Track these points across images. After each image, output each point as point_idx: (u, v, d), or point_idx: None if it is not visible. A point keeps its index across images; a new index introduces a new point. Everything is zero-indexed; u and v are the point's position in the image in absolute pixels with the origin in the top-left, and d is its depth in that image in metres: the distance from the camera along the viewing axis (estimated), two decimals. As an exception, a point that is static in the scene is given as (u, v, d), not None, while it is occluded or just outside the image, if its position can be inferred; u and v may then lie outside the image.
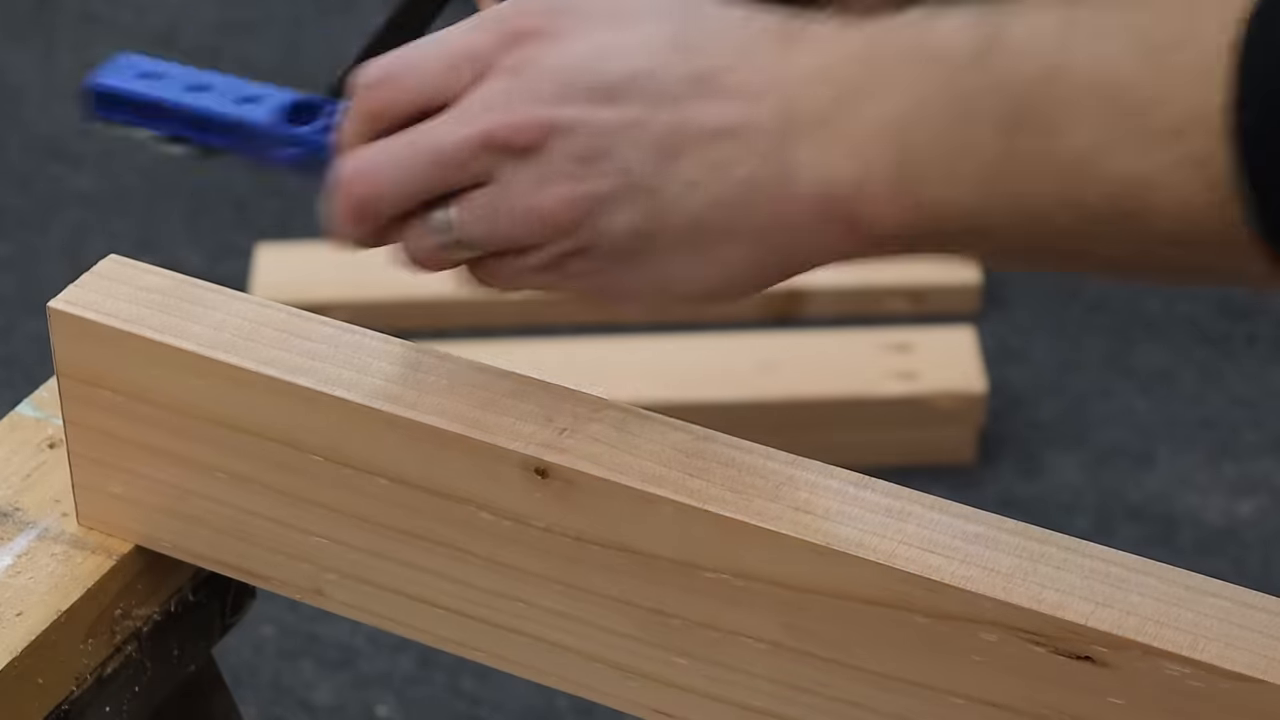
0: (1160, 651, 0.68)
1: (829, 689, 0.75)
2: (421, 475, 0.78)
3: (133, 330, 0.81)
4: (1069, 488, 2.12)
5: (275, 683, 1.91)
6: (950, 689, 0.72)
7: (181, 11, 2.81)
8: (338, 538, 0.82)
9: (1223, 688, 0.68)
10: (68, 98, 2.63)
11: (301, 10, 2.82)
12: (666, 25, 0.73)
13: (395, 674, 1.92)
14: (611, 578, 0.77)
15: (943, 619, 0.71)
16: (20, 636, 0.83)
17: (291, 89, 0.82)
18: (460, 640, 0.82)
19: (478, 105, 0.73)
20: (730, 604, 0.75)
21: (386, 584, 0.82)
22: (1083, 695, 0.70)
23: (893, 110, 0.68)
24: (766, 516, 0.73)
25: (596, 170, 0.72)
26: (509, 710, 1.89)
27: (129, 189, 2.49)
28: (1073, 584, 0.70)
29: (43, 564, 0.86)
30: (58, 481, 0.89)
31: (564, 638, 0.79)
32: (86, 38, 2.75)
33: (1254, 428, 2.19)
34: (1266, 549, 2.06)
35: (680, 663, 0.77)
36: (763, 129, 0.70)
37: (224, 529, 0.84)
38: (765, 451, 0.76)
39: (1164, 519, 2.09)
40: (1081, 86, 0.64)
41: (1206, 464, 2.15)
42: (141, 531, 0.86)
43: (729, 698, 0.77)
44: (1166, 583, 0.71)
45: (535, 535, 0.77)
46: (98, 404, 0.83)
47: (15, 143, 2.57)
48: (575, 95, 0.72)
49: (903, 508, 0.74)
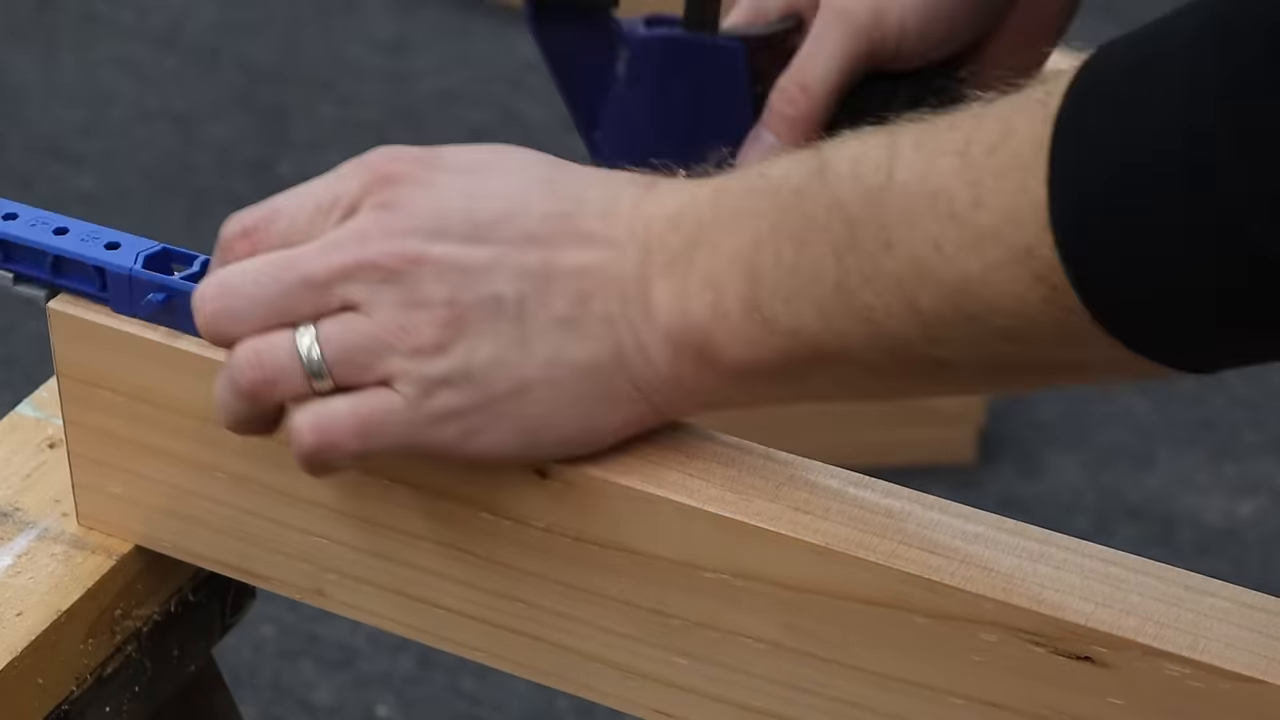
0: (1160, 652, 0.68)
1: (829, 689, 0.75)
2: (421, 476, 0.78)
3: (132, 330, 0.81)
4: (1069, 488, 2.12)
5: (275, 683, 1.91)
6: (950, 689, 0.72)
7: (181, 11, 2.81)
8: (338, 538, 0.82)
9: (1223, 688, 0.68)
10: (68, 98, 2.64)
11: (301, 10, 2.82)
12: (534, 174, 0.74)
13: (395, 674, 1.91)
14: (611, 578, 0.77)
15: (943, 619, 0.71)
16: (20, 636, 0.83)
17: (148, 239, 0.81)
18: (460, 640, 0.82)
19: (349, 235, 0.72)
20: (730, 604, 0.75)
21: (386, 584, 0.82)
22: (1082, 695, 0.70)
23: (739, 241, 0.71)
24: (766, 516, 0.73)
25: (465, 295, 0.72)
26: (509, 710, 1.89)
27: (129, 189, 2.49)
28: (1072, 584, 0.70)
29: (43, 564, 0.86)
30: (58, 481, 0.89)
31: (564, 638, 0.79)
32: (87, 38, 2.75)
33: (1254, 428, 2.19)
34: (1266, 549, 2.06)
35: (680, 663, 0.77)
36: (624, 271, 0.72)
37: (224, 529, 0.84)
38: (765, 451, 0.76)
39: (1164, 519, 2.09)
40: (909, 198, 0.66)
41: (1206, 464, 2.15)
42: (141, 531, 0.86)
43: (729, 698, 0.77)
44: (1166, 583, 0.71)
45: (535, 535, 0.77)
46: (98, 404, 0.83)
47: (16, 143, 2.56)
48: (446, 232, 0.72)
49: (903, 508, 0.74)
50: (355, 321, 0.72)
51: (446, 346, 0.72)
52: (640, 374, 0.73)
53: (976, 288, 0.65)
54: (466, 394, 0.72)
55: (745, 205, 0.71)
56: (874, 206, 0.67)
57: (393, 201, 0.73)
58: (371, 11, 2.84)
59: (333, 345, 0.72)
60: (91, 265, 0.80)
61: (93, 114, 2.62)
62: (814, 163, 0.70)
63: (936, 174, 0.66)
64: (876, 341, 0.68)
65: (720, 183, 0.73)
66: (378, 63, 2.74)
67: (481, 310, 0.72)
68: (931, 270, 0.66)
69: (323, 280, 0.72)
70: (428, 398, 0.72)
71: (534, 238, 0.72)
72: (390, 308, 0.72)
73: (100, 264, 0.80)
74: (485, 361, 0.72)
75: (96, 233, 0.81)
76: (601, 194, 0.74)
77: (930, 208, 0.66)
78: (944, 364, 0.68)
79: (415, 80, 2.69)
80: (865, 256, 0.67)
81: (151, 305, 0.80)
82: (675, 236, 0.72)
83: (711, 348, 0.72)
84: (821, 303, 0.69)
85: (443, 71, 2.72)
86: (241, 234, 0.74)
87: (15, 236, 0.81)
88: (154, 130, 2.59)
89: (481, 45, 2.77)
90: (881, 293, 0.67)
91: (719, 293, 0.71)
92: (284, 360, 0.72)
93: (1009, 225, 0.64)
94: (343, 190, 0.73)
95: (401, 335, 0.72)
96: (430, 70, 2.72)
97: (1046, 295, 0.64)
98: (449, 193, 0.73)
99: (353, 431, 0.72)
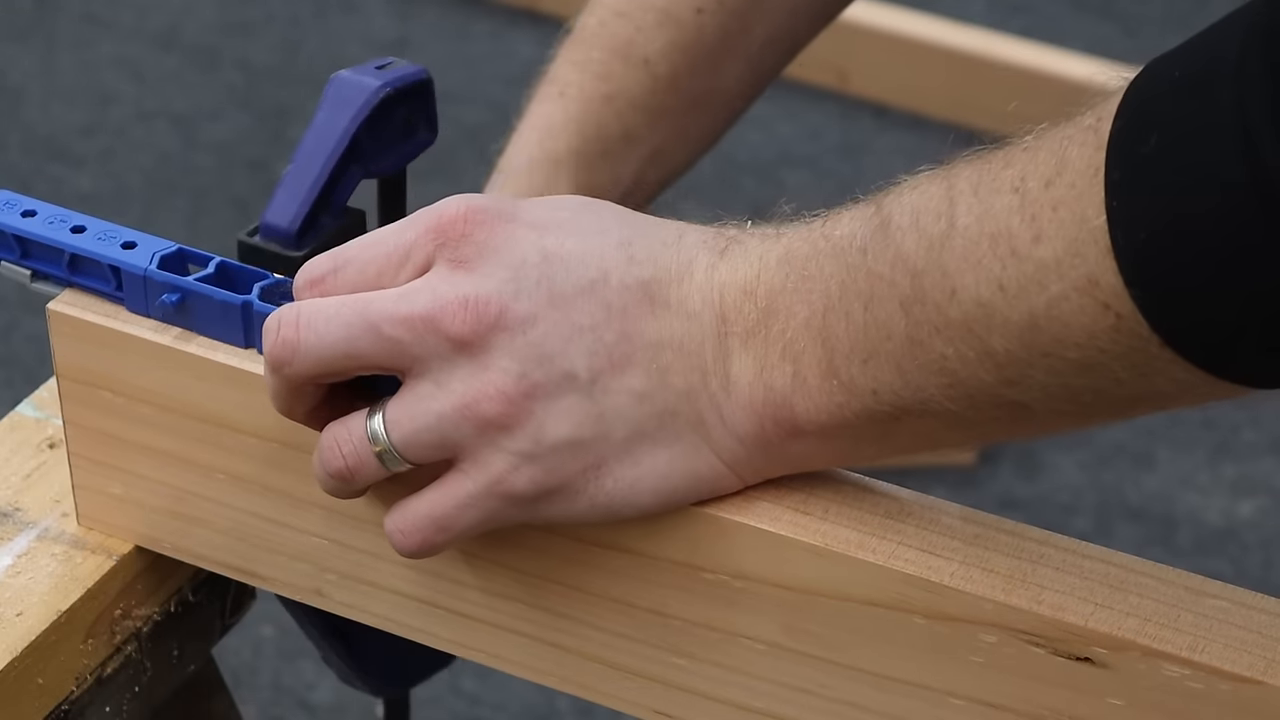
0: (1160, 653, 0.68)
1: (828, 690, 0.75)
2: (421, 479, 0.78)
3: (132, 331, 0.81)
4: (1069, 488, 2.12)
5: (275, 683, 1.91)
6: (949, 690, 0.72)
7: (181, 11, 2.81)
8: (337, 538, 0.82)
9: (1222, 689, 0.68)
10: (68, 98, 2.64)
11: (301, 10, 2.82)
12: (612, 237, 0.73)
13: (395, 674, 1.91)
14: (611, 578, 0.77)
15: (942, 620, 0.71)
16: (20, 636, 0.83)
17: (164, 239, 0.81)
18: (460, 640, 0.82)
19: (423, 292, 0.71)
20: (730, 605, 0.75)
21: (386, 584, 0.82)
22: (1082, 696, 0.70)
23: (811, 308, 0.70)
24: (766, 518, 0.73)
25: (537, 371, 0.71)
26: (509, 710, 1.89)
27: (129, 189, 2.49)
28: (1072, 585, 0.70)
29: (43, 564, 0.86)
30: (58, 481, 0.89)
31: (564, 638, 0.79)
32: (87, 38, 2.75)
33: (1254, 428, 2.19)
34: (1266, 549, 2.06)
35: (680, 663, 0.77)
36: (702, 344, 0.72)
37: (224, 530, 0.84)
38: (765, 452, 0.76)
39: (1164, 519, 2.09)
40: (970, 243, 0.66)
41: (1206, 464, 2.15)
42: (141, 532, 0.86)
43: (729, 698, 0.77)
44: (1166, 584, 0.71)
45: (536, 536, 0.77)
46: (97, 405, 0.83)
47: (15, 143, 2.57)
48: (521, 296, 0.71)
49: (903, 508, 0.74)
50: (421, 400, 0.71)
51: (514, 426, 0.71)
52: (722, 445, 0.72)
53: (1044, 323, 0.64)
54: (538, 475, 0.71)
55: (813, 269, 0.70)
56: (936, 255, 0.67)
57: (469, 259, 0.71)
58: (371, 11, 2.84)
59: (400, 430, 0.72)
60: (107, 264, 0.80)
61: (93, 114, 2.62)
62: (876, 220, 0.69)
63: (995, 215, 0.65)
64: (954, 391, 0.68)
65: (788, 245, 0.71)
66: (378, 63, 2.73)
67: (553, 386, 0.71)
68: (998, 311, 0.65)
69: (392, 335, 0.71)
70: (498, 482, 0.72)
71: (610, 309, 0.71)
72: (458, 380, 0.71)
73: (115, 263, 0.80)
74: (557, 440, 0.71)
75: (114, 232, 0.81)
76: (676, 259, 0.72)
77: (992, 249, 0.65)
78: (1023, 406, 0.67)
79: (415, 80, 2.69)
80: (932, 307, 0.67)
81: (166, 306, 0.80)
82: (750, 305, 0.71)
83: (794, 416, 0.71)
84: (896, 358, 0.68)
85: (443, 71, 2.71)
86: (308, 285, 0.74)
87: (33, 234, 0.81)
88: (154, 130, 2.59)
89: (481, 45, 2.78)
90: (954, 340, 0.67)
91: (797, 362, 0.70)
92: (360, 450, 0.73)
93: (1071, 257, 0.63)
94: (415, 242, 0.72)
95: (468, 413, 0.71)
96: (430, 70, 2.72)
97: (1114, 324, 0.63)
98: (526, 253, 0.71)
99: (434, 529, 0.73)
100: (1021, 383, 0.66)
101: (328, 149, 0.78)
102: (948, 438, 0.71)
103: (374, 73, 0.80)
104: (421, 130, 0.82)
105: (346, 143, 0.78)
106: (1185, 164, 0.61)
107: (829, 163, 2.54)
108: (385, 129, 0.80)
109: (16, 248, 0.82)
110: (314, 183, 0.78)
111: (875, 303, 0.68)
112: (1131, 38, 2.70)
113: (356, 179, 0.80)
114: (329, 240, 0.78)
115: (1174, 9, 2.76)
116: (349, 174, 0.79)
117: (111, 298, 0.81)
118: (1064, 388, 0.66)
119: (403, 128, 0.81)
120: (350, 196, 0.80)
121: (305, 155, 0.79)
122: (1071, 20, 2.77)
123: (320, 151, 0.78)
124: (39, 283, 0.82)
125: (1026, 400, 0.67)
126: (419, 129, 0.81)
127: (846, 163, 2.58)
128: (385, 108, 0.79)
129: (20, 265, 0.82)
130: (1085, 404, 0.67)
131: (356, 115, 0.78)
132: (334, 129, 0.78)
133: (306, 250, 0.78)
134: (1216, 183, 0.60)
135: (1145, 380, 0.64)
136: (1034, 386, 0.66)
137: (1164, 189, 0.61)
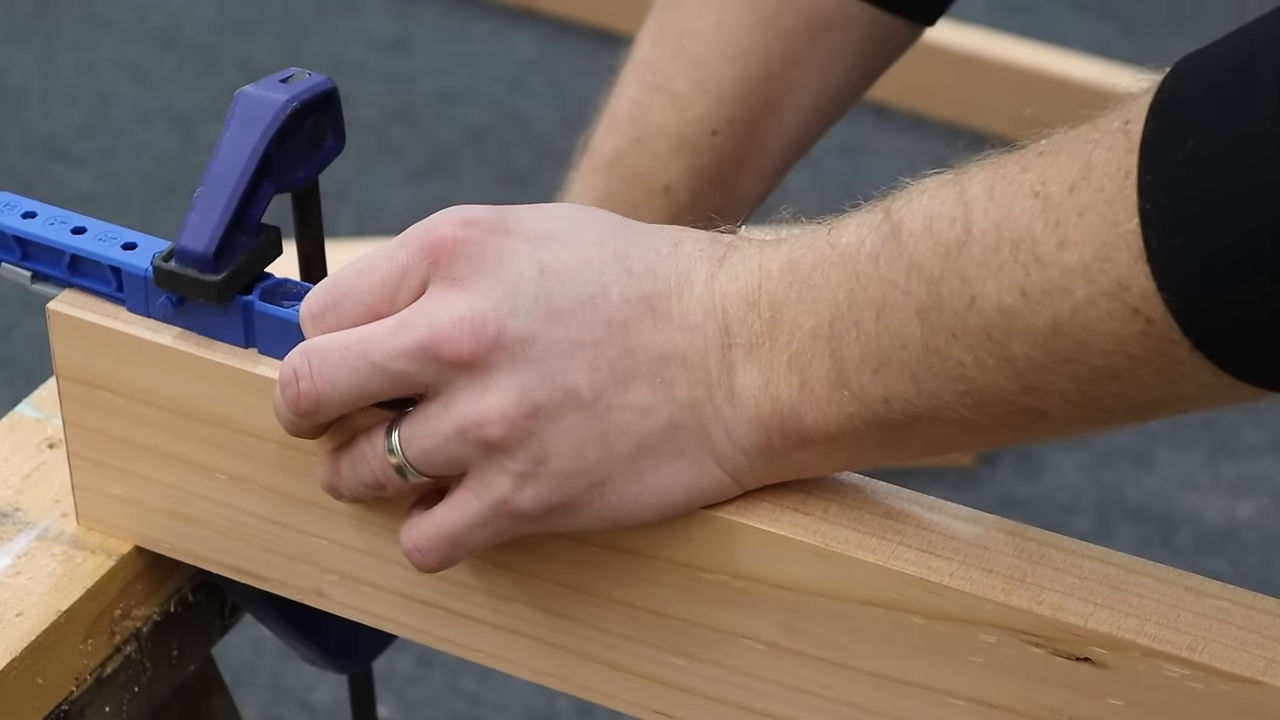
0: (1160, 653, 0.68)
1: (828, 690, 0.75)
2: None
3: (132, 331, 0.81)
4: (1069, 488, 2.12)
5: (275, 683, 1.91)
6: (949, 690, 0.72)
7: (181, 11, 2.81)
8: (337, 539, 0.82)
9: (1222, 689, 0.68)
10: (68, 98, 2.64)
11: (301, 10, 2.82)
12: (609, 249, 0.72)
13: (395, 674, 1.92)
14: (612, 579, 0.77)
15: (942, 620, 0.71)
16: (20, 636, 0.83)
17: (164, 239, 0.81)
18: (460, 640, 0.82)
19: (418, 317, 0.71)
20: (729, 605, 0.75)
21: (386, 584, 0.82)
22: (1082, 697, 0.70)
23: (818, 318, 0.69)
24: (766, 518, 0.73)
25: (538, 390, 0.71)
26: (509, 710, 1.89)
27: (129, 189, 2.49)
28: (1072, 585, 0.70)
29: (43, 564, 0.86)
30: (58, 481, 0.89)
31: (564, 639, 0.79)
32: (87, 38, 2.75)
33: (1254, 428, 2.19)
34: (1266, 549, 2.06)
35: (680, 663, 0.77)
36: (705, 356, 0.71)
37: (224, 530, 0.84)
38: (765, 452, 0.76)
39: (1164, 519, 2.09)
40: (989, 249, 0.65)
41: (1206, 464, 2.15)
42: (141, 532, 0.86)
43: (729, 698, 0.77)
44: (1166, 584, 0.71)
45: (536, 538, 0.77)
46: (97, 405, 0.83)
47: (15, 143, 2.57)
48: (518, 313, 0.70)
49: (902, 508, 0.74)
50: (430, 420, 0.72)
51: (515, 448, 0.71)
52: (726, 456, 0.72)
53: (1068, 329, 0.64)
54: (543, 494, 0.72)
55: (818, 278, 0.70)
56: (954, 261, 0.66)
57: (463, 276, 0.71)
58: (371, 11, 2.84)
59: (413, 448, 0.73)
60: (107, 265, 0.81)
61: (92, 114, 2.62)
62: (885, 226, 0.68)
63: (1015, 220, 0.64)
64: (971, 398, 0.67)
65: (790, 253, 0.71)
66: (378, 63, 2.74)
67: (555, 405, 0.70)
68: (1020, 317, 0.64)
69: (396, 370, 0.71)
70: (503, 503, 0.72)
71: (611, 323, 0.71)
72: (461, 401, 0.71)
73: (116, 264, 0.80)
74: (560, 460, 0.71)
75: (114, 233, 0.82)
76: (675, 270, 0.72)
77: (1013, 255, 0.64)
78: (1040, 413, 0.67)
79: (415, 80, 2.69)
80: (950, 314, 0.66)
81: (166, 306, 0.80)
82: (754, 317, 0.71)
83: (802, 427, 0.71)
84: (910, 367, 0.68)
85: (443, 71, 2.72)
86: (309, 322, 0.74)
87: (33, 235, 0.81)
88: (154, 130, 2.59)
89: (481, 45, 2.78)
90: (972, 348, 0.66)
91: (804, 373, 0.70)
92: (379, 467, 0.74)
93: (1100, 262, 0.62)
94: (408, 263, 0.72)
95: (470, 435, 0.71)
96: (430, 70, 2.72)
97: (1143, 329, 0.62)
98: (522, 267, 0.71)
99: (449, 546, 0.74)
100: (1041, 389, 0.66)
101: (238, 168, 0.78)
102: (959, 444, 0.71)
103: (279, 87, 0.80)
104: (329, 139, 0.82)
105: (257, 160, 0.78)
106: (1224, 168, 0.60)
107: (829, 163, 2.54)
108: (295, 142, 0.80)
109: (17, 249, 0.82)
110: (227, 203, 0.78)
111: (888, 311, 0.68)
112: (1131, 38, 2.69)
113: (269, 195, 0.80)
114: (247, 260, 0.78)
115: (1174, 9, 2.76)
116: (261, 191, 0.79)
117: (112, 298, 0.81)
118: (1084, 394, 0.65)
119: (311, 140, 0.81)
120: (264, 213, 0.80)
121: (216, 176, 0.79)
122: (1071, 20, 2.77)
123: (231, 171, 0.78)
124: (39, 284, 0.83)
125: (1045, 406, 0.66)
126: (326, 138, 0.81)
127: (846, 163, 2.58)
128: (294, 121, 0.79)
129: (21, 266, 0.82)
130: (1105, 409, 0.66)
131: (265, 132, 0.78)
132: (243, 147, 0.78)
133: (225, 273, 0.78)
134: (1258, 187, 0.60)
135: (1171, 385, 0.64)
136: (1054, 393, 0.66)
137: (1201, 194, 0.60)
